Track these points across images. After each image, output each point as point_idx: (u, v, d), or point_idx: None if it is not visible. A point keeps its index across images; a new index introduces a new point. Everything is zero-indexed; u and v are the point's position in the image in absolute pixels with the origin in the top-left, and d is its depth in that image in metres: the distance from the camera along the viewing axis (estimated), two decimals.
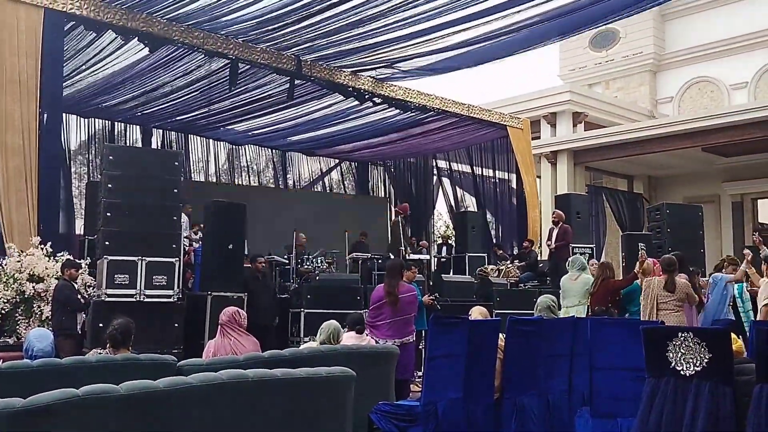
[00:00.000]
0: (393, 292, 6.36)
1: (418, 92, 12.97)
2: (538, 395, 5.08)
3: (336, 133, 14.66)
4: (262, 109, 12.77)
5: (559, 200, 12.88)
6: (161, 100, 12.14)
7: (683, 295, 6.88)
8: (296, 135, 14.94)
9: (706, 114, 17.12)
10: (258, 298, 8.58)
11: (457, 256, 13.41)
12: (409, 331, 6.45)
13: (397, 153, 16.64)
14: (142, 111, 12.82)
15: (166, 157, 8.19)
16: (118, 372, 3.91)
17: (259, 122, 13.77)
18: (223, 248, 8.36)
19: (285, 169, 16.53)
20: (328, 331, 5.34)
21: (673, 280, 6.89)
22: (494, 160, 15.55)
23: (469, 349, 4.88)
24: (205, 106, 12.54)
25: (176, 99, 12.09)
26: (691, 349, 3.58)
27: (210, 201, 8.80)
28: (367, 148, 16.03)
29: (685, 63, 22.72)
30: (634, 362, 4.33)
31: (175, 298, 7.62)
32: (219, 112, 12.90)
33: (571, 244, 11.26)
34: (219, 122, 13.67)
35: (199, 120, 13.48)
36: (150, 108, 12.61)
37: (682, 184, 19.78)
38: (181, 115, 13.12)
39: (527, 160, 14.68)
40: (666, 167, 19.25)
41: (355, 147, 15.90)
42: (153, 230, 7.59)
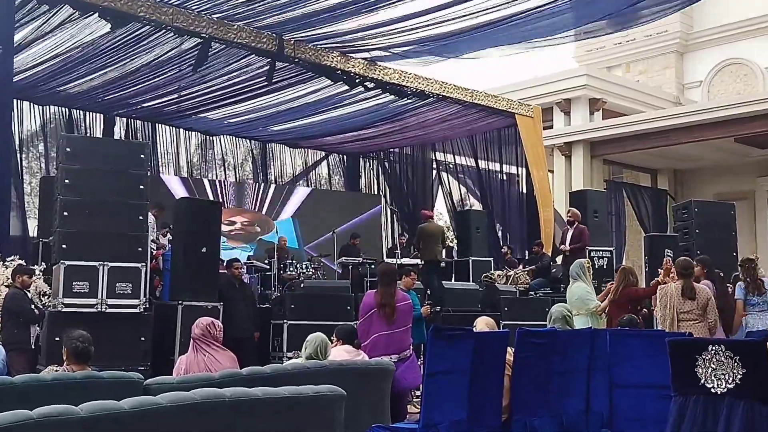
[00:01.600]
0: (391, 303, 6.33)
1: (415, 76, 12.98)
2: (552, 416, 5.09)
3: (323, 122, 14.66)
4: (239, 94, 12.76)
5: (574, 197, 12.90)
6: (125, 84, 12.10)
7: (705, 302, 6.84)
8: (278, 124, 14.92)
9: (739, 100, 17.17)
10: (235, 308, 8.57)
11: (459, 260, 13.44)
12: (407, 343, 6.45)
13: (392, 144, 16.65)
14: (103, 97, 12.78)
15: (130, 149, 8.15)
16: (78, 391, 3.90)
17: (236, 110, 13.75)
18: (196, 252, 8.33)
19: (265, 162, 16.51)
20: (315, 345, 5.33)
21: (692, 286, 6.84)
22: (501, 152, 15.58)
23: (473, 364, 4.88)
24: (174, 92, 12.52)
25: (142, 83, 12.06)
26: (723, 364, 3.58)
27: (181, 198, 8.76)
28: (359, 140, 16.03)
29: (715, 43, 22.80)
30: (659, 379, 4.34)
31: (142, 308, 7.59)
32: (190, 98, 12.88)
33: (588, 247, 11.29)
34: (190, 110, 13.64)
35: (169, 107, 13.45)
36: (112, 93, 12.57)
37: (712, 179, 19.86)
38: (147, 102, 13.09)
39: (538, 152, 14.71)
40: (694, 160, 19.32)
41: (345, 138, 15.90)
42: (116, 231, 7.56)
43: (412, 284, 7.89)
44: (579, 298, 7.92)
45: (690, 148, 17.88)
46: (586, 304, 7.90)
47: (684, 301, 6.80)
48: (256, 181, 16.24)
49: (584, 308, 7.88)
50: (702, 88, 23.07)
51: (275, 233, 12.29)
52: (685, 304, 6.80)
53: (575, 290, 8.03)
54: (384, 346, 6.23)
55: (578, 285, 8.06)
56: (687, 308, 6.80)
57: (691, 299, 6.79)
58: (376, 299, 6.34)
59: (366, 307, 6.42)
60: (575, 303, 7.88)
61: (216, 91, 12.55)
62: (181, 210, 8.64)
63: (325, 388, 3.70)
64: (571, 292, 8.07)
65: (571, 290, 8.09)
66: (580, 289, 8.01)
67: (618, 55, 24.06)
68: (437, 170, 17.10)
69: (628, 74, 23.53)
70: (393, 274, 6.74)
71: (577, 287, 8.04)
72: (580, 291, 7.98)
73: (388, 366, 5.56)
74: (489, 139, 15.74)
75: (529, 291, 11.94)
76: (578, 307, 7.86)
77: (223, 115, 14.15)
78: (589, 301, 7.93)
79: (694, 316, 6.78)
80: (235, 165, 16.20)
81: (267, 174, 16.52)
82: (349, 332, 5.90)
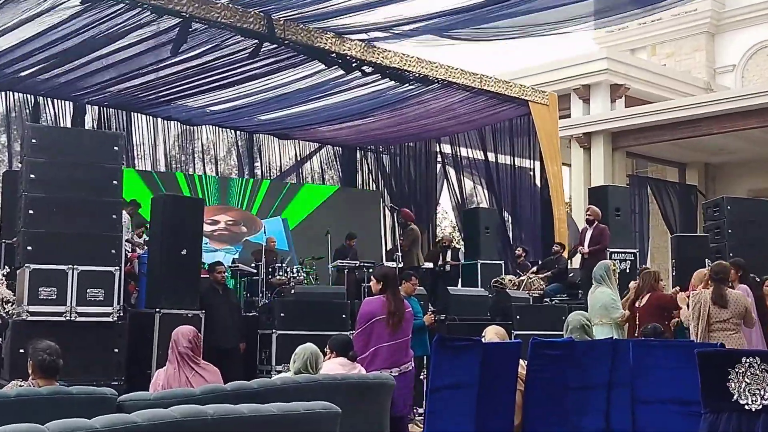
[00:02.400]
0: (400, 310, 6.34)
1: (418, 60, 12.97)
2: None
3: (316, 111, 14.63)
4: (222, 80, 12.74)
5: (594, 194, 12.91)
6: (97, 68, 12.08)
7: (741, 310, 6.85)
8: (266, 113, 14.90)
9: None
10: (218, 316, 8.58)
11: (466, 263, 13.43)
12: (408, 355, 6.46)
13: (392, 136, 16.62)
14: (73, 82, 12.76)
15: (103, 140, 8.16)
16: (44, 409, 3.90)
17: (220, 97, 13.73)
18: (175, 254, 8.35)
19: (252, 155, 16.51)
20: (304, 357, 5.33)
21: (723, 293, 6.84)
22: (513, 144, 15.58)
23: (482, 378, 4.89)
24: (151, 77, 12.50)
25: (115, 67, 12.03)
26: (758, 378, 3.59)
27: (158, 195, 8.77)
28: (355, 130, 16.01)
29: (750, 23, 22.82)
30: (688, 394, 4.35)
31: (115, 316, 7.60)
32: (169, 84, 12.86)
33: (609, 249, 11.29)
34: (169, 97, 13.63)
35: (145, 94, 13.44)
36: (83, 79, 12.55)
37: (746, 174, 19.87)
38: (121, 88, 13.07)
39: (554, 143, 14.71)
40: (726, 153, 19.33)
41: (340, 128, 15.88)
42: (87, 232, 7.56)
43: (413, 290, 7.90)
44: (603, 306, 7.88)
45: (722, 139, 17.89)
46: (610, 312, 7.88)
47: (717, 309, 6.80)
48: (242, 175, 16.22)
49: (608, 317, 7.85)
50: (735, 73, 23.11)
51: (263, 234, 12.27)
52: (719, 313, 6.80)
53: (599, 296, 7.98)
54: (385, 358, 6.24)
55: (603, 290, 8.01)
56: (720, 317, 6.79)
57: (723, 307, 6.79)
58: (385, 307, 6.34)
59: (366, 315, 6.41)
60: (598, 311, 7.86)
61: (197, 76, 12.52)
62: (159, 207, 8.64)
63: (318, 405, 3.70)
64: (594, 297, 8.03)
65: (594, 296, 8.05)
66: (604, 295, 7.96)
67: (642, 37, 24.08)
68: (442, 164, 17.09)
69: (654, 58, 23.55)
70: (395, 278, 6.77)
71: (601, 293, 7.99)
72: (604, 297, 7.94)
73: (387, 380, 5.56)
74: (500, 130, 15.73)
75: (544, 297, 11.95)
76: (601, 315, 7.84)
77: (205, 102, 14.12)
78: (615, 310, 7.89)
79: (728, 326, 6.77)
80: (218, 158, 16.19)
81: (254, 168, 16.50)
82: (343, 343, 5.89)
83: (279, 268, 11.50)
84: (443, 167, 17.11)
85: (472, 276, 12.92)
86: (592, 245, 11.16)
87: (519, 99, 14.45)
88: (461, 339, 5.18)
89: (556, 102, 15.13)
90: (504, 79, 14.73)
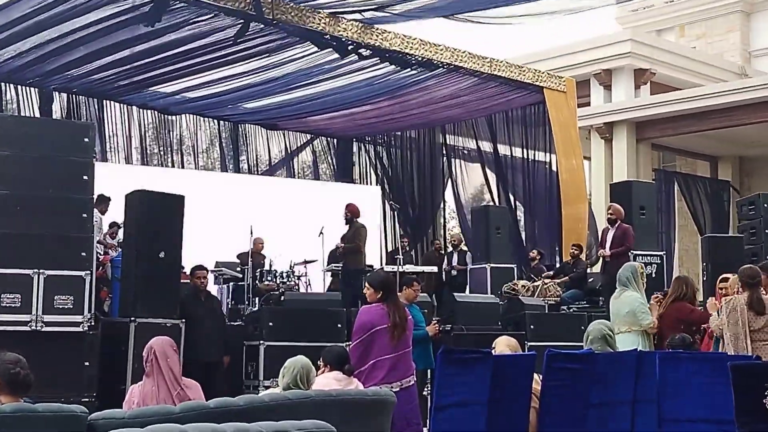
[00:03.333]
0: (402, 320, 6.35)
1: (421, 42, 12.98)
2: None
3: (308, 99, 14.64)
4: (203, 63, 12.74)
5: (617, 190, 12.91)
6: (65, 51, 12.08)
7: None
8: (252, 101, 14.91)
9: None
10: (200, 326, 8.58)
11: (475, 267, 13.44)
12: (411, 369, 6.46)
13: (393, 126, 16.64)
14: (38, 66, 12.76)
15: (72, 131, 8.16)
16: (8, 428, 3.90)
17: (201, 82, 13.74)
18: (152, 257, 8.35)
19: (237, 147, 16.51)
20: (294, 371, 5.33)
21: (759, 298, 6.86)
22: (526, 135, 15.60)
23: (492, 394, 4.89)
24: (125, 61, 12.50)
25: (86, 51, 12.03)
26: None
27: (133, 191, 8.77)
28: (351, 120, 16.02)
29: None
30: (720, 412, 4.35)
31: (85, 326, 7.59)
32: (145, 67, 12.86)
33: (633, 251, 11.30)
34: (145, 82, 13.63)
35: (118, 79, 13.44)
36: (49, 63, 12.55)
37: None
38: (92, 73, 13.07)
39: (571, 134, 14.72)
40: (763, 145, 19.34)
41: (335, 118, 15.89)
42: (54, 232, 7.56)
43: (414, 297, 7.89)
44: (632, 311, 7.81)
45: (758, 130, 17.90)
46: (639, 318, 7.82)
47: (753, 315, 6.80)
48: (226, 170, 16.21)
49: (637, 324, 7.80)
50: None
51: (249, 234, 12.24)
52: (754, 320, 6.80)
53: (627, 300, 7.89)
54: (386, 372, 6.25)
55: (630, 294, 7.96)
56: (755, 325, 6.79)
57: (760, 314, 6.79)
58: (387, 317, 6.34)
59: (364, 325, 6.41)
60: (625, 317, 7.79)
61: (176, 59, 12.53)
62: (134, 205, 8.62)
63: (310, 424, 3.70)
64: (619, 302, 7.94)
65: (619, 300, 7.96)
66: (632, 299, 7.90)
67: (670, 16, 24.08)
68: (447, 157, 17.11)
69: (683, 39, 23.54)
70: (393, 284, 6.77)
71: (628, 297, 7.91)
72: (633, 302, 7.88)
73: (387, 397, 5.56)
74: (512, 119, 15.74)
75: (561, 305, 11.96)
76: (629, 322, 7.77)
77: (184, 89, 14.13)
78: (645, 316, 7.83)
79: (763, 335, 6.75)
80: (199, 151, 16.20)
81: (239, 162, 16.51)
82: (338, 356, 5.89)
83: (267, 273, 11.50)
84: (448, 160, 17.13)
85: (481, 281, 12.93)
86: (615, 247, 11.15)
87: (533, 85, 14.46)
88: (469, 351, 5.17)
89: (574, 88, 15.14)
90: (516, 64, 14.74)
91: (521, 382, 5.05)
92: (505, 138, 15.97)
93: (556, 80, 14.85)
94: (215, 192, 14.75)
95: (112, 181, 13.07)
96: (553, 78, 14.88)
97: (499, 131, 16.02)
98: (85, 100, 14.46)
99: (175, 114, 15.55)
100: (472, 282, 13.41)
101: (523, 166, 15.79)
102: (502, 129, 15.97)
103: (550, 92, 14.57)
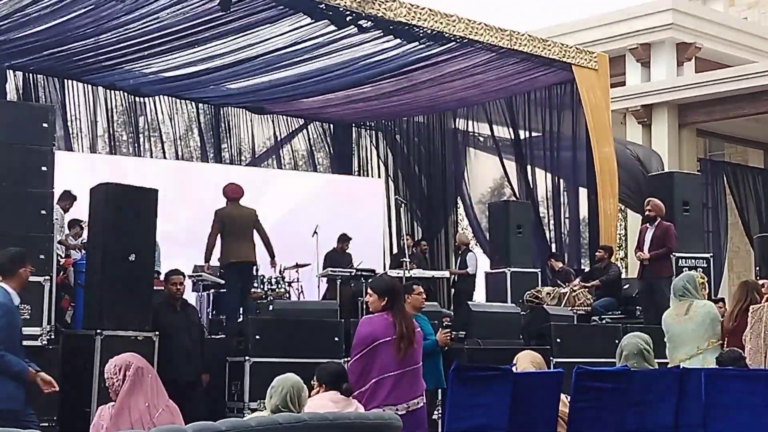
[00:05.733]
0: (410, 331, 6.34)
1: (430, 12, 12.96)
2: None
3: (300, 78, 14.64)
4: (182, 38, 12.74)
5: (656, 182, 12.90)
6: (21, 23, 12.09)
7: None
8: (236, 80, 14.90)
9: None
10: (176, 339, 8.58)
11: (492, 272, 13.43)
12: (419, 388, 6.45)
13: (398, 109, 16.62)
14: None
15: (30, 115, 8.18)
16: None
17: (178, 60, 13.74)
18: (121, 260, 8.34)
19: (218, 134, 16.51)
20: (283, 391, 5.32)
21: None
22: (551, 119, 15.58)
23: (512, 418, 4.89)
24: (90, 34, 12.50)
25: (44, 22, 12.04)
26: None
27: (99, 184, 8.77)
28: (351, 102, 16.01)
29: None
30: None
31: (45, 339, 7.60)
32: (113, 43, 12.86)
33: (675, 253, 11.28)
34: (114, 60, 13.63)
35: (83, 57, 13.44)
36: (4, 38, 12.56)
37: None
38: (53, 49, 13.07)
39: (604, 119, 14.70)
40: None
41: (331, 100, 15.88)
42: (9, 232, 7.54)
43: (421, 305, 7.86)
44: (713, 321, 7.72)
45: None
46: (717, 332, 7.74)
47: None
48: (206, 160, 16.21)
49: (717, 337, 7.72)
50: None
51: None
52: None
53: (702, 309, 7.68)
54: (390, 391, 6.22)
55: (705, 303, 7.88)
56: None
57: None
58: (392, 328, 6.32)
59: (365, 338, 6.40)
60: (707, 331, 7.66)
61: (150, 33, 12.53)
62: (101, 200, 8.62)
63: None
64: (696, 314, 7.70)
65: (694, 311, 7.76)
66: (709, 307, 7.80)
67: None
68: (462, 145, 17.09)
69: (732, 9, 23.48)
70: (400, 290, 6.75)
71: (703, 306, 7.73)
72: (710, 309, 7.77)
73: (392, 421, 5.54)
74: (534, 101, 15.72)
75: (592, 315, 11.94)
76: (708, 337, 7.69)
77: (159, 67, 14.12)
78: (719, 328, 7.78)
79: None
80: (175, 137, 16.19)
81: (220, 151, 16.50)
82: (335, 374, 5.88)
83: (253, 278, 11.49)
84: (463, 149, 17.11)
85: (500, 288, 12.92)
86: (654, 248, 11.12)
87: (560, 62, 14.43)
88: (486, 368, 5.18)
89: (607, 65, 15.11)
90: (540, 37, 14.70)
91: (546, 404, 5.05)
92: (526, 123, 15.95)
93: (587, 56, 14.82)
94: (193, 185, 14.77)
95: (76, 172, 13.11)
96: (583, 53, 14.85)
97: (520, 115, 15.99)
98: (44, 79, 14.45)
99: (148, 96, 15.53)
100: (489, 289, 13.40)
101: (547, 155, 15.77)
102: (523, 112, 15.95)
103: (579, 70, 14.54)
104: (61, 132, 14.09)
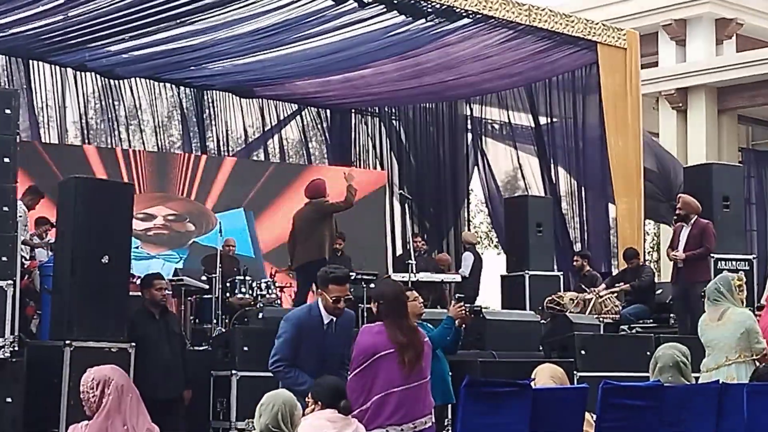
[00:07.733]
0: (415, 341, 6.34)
1: None
2: None
3: (294, 58, 14.65)
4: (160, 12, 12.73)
5: (692, 175, 12.90)
6: None
7: None
8: (221, 61, 14.91)
9: None
10: (155, 351, 8.59)
11: (509, 275, 13.44)
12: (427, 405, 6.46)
13: (402, 94, 16.62)
14: None
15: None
16: None
17: (156, 38, 13.75)
18: (94, 262, 8.35)
19: (202, 121, 16.52)
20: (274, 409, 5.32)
21: None
22: (575, 105, 15.57)
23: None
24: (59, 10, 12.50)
25: None
26: None
27: (69, 178, 8.78)
28: (350, 86, 16.02)
29: None
30: None
31: (7, 351, 7.62)
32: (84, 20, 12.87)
33: (713, 254, 11.27)
34: (84, 38, 13.64)
35: (51, 34, 13.45)
36: None
37: None
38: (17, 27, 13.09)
39: (634, 104, 14.69)
40: None
41: (328, 83, 15.89)
42: None
43: (420, 311, 7.86)
44: (747, 332, 7.73)
45: None
46: (752, 342, 7.75)
47: None
48: (188, 149, 16.23)
49: (750, 349, 7.74)
50: None
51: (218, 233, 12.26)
52: None
53: (737, 318, 7.71)
54: (395, 409, 6.22)
55: (742, 311, 7.92)
56: None
57: None
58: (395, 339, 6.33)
59: (365, 349, 6.40)
60: (740, 341, 7.69)
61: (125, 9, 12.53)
62: (70, 196, 8.63)
63: None
64: (726, 323, 7.82)
65: (726, 320, 7.82)
66: (746, 317, 7.83)
67: None
68: (474, 134, 17.10)
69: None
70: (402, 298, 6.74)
71: (739, 314, 7.79)
72: (746, 319, 7.79)
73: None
74: (556, 86, 15.72)
75: (621, 324, 11.93)
76: (741, 349, 7.71)
77: (135, 46, 14.13)
78: (759, 338, 7.77)
79: None
80: (154, 124, 16.21)
81: (205, 139, 16.54)
82: (332, 390, 5.89)
83: (241, 283, 11.50)
84: (476, 138, 17.11)
85: (517, 293, 12.92)
86: (690, 249, 11.12)
87: (585, 40, 14.43)
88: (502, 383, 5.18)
89: (637, 44, 15.10)
90: (562, 12, 14.68)
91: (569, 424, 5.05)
92: (547, 110, 15.94)
93: (614, 33, 14.80)
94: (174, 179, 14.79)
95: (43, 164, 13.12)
96: (611, 31, 14.83)
97: (540, 101, 15.99)
98: (7, 60, 14.48)
99: (123, 78, 15.55)
100: (505, 294, 13.39)
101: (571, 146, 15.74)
102: (543, 98, 15.95)
103: (606, 49, 14.52)
104: (26, 119, 14.12)
